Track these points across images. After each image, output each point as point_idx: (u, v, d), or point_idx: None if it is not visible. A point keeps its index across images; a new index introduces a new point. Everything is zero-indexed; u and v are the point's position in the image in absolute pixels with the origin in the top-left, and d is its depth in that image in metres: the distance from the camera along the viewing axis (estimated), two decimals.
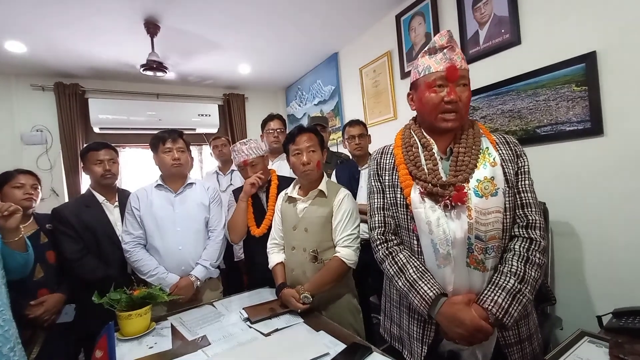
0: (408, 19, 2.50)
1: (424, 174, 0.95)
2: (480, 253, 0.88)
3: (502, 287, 0.85)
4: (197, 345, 1.15)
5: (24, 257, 1.26)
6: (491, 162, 0.92)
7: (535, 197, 0.94)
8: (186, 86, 3.98)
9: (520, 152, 0.98)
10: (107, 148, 1.81)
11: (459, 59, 0.93)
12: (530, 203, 0.93)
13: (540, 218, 0.92)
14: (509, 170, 0.94)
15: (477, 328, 0.83)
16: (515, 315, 0.83)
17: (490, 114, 1.94)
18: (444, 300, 0.90)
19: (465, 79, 0.93)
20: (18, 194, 1.60)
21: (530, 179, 0.96)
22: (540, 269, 0.88)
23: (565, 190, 1.64)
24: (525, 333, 0.94)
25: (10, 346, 1.10)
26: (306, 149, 1.42)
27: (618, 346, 0.85)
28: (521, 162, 0.97)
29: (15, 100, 3.21)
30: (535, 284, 0.86)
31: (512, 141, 1.00)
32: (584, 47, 1.53)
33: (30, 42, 2.63)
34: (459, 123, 0.94)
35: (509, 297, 0.83)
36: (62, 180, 3.33)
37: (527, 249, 0.88)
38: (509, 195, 0.92)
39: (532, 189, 0.95)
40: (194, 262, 1.64)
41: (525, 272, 0.85)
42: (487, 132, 1.01)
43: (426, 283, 0.92)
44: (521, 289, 0.84)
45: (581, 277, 1.61)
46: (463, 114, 0.94)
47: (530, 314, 0.97)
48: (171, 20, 2.50)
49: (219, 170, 2.73)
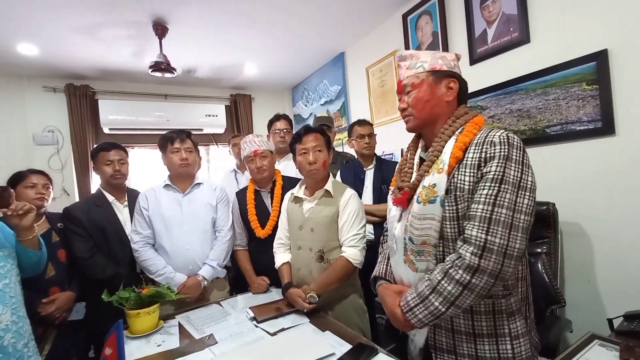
0: (415, 18, 2.49)
1: (399, 175, 1.06)
2: (412, 254, 0.94)
3: (416, 289, 0.88)
4: (204, 343, 1.17)
5: (38, 255, 1.29)
6: (439, 169, 0.90)
7: (492, 209, 0.79)
8: (193, 87, 4.02)
9: (493, 155, 0.82)
10: (117, 148, 1.84)
11: (404, 71, 1.01)
12: (477, 216, 0.80)
13: (480, 234, 0.79)
14: (462, 177, 0.85)
15: (391, 313, 0.93)
16: (420, 318, 0.84)
17: (499, 113, 1.92)
18: (380, 283, 1.08)
19: (408, 86, 0.99)
20: (30, 194, 1.64)
21: (493, 188, 0.80)
22: (461, 287, 0.79)
23: (575, 190, 1.62)
24: (465, 349, 0.89)
25: (24, 342, 1.13)
26: (312, 148, 1.42)
27: (629, 349, 0.84)
28: (488, 167, 0.82)
29: (27, 101, 3.28)
30: (453, 299, 0.80)
31: (490, 141, 0.84)
32: (595, 45, 1.51)
33: (42, 45, 2.68)
34: (414, 123, 1.00)
35: (418, 298, 0.86)
36: (73, 180, 3.39)
37: (451, 263, 0.82)
38: (450, 205, 0.86)
39: (489, 200, 0.80)
40: (201, 262, 1.66)
41: (438, 284, 0.82)
42: (471, 129, 0.90)
43: (379, 267, 1.13)
44: (429, 296, 0.83)
45: (591, 278, 1.58)
46: (416, 114, 0.99)
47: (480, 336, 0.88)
48: (179, 22, 2.53)
49: (237, 168, 2.73)
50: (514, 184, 0.80)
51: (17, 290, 1.17)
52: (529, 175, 0.82)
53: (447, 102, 0.96)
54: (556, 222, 1.49)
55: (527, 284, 0.94)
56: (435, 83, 0.96)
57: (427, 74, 0.96)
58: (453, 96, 0.97)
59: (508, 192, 0.80)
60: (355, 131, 2.18)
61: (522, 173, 0.81)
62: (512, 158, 0.82)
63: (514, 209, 0.79)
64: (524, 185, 0.81)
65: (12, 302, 1.12)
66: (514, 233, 0.79)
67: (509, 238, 0.78)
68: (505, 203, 0.79)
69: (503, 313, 0.87)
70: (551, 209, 1.49)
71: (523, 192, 0.80)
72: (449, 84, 0.96)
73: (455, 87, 0.96)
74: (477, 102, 2.02)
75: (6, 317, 1.08)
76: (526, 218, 0.80)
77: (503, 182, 0.80)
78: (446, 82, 0.96)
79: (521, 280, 0.92)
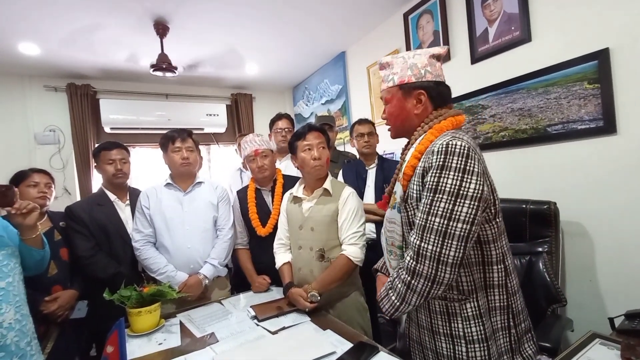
0: (416, 17, 2.48)
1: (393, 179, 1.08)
2: (386, 252, 1.06)
3: (385, 282, 0.97)
4: (205, 342, 1.17)
5: (41, 253, 1.29)
6: (398, 178, 0.98)
7: (427, 218, 0.82)
8: (194, 86, 4.02)
9: (431, 165, 0.83)
10: (119, 148, 1.84)
11: (381, 83, 1.04)
12: (419, 224, 0.83)
13: (416, 240, 0.83)
14: (412, 186, 0.89)
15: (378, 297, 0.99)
16: (386, 307, 0.92)
17: (500, 112, 1.92)
18: (378, 275, 1.17)
19: (384, 99, 1.03)
20: (33, 193, 1.64)
21: (428, 197, 0.82)
22: (405, 286, 0.86)
23: (576, 190, 1.61)
24: (427, 343, 0.95)
25: (27, 340, 1.13)
26: (317, 144, 1.43)
27: (630, 348, 0.84)
28: (428, 177, 0.83)
29: (29, 100, 3.29)
30: (403, 296, 0.88)
31: (431, 151, 0.84)
32: (597, 43, 1.50)
33: (43, 44, 2.69)
34: (393, 133, 1.06)
35: (384, 291, 0.94)
36: (75, 179, 3.40)
37: (401, 265, 0.91)
38: (404, 212, 0.94)
39: (424, 209, 0.82)
40: (202, 261, 1.66)
41: (394, 281, 0.92)
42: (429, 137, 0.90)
43: (380, 260, 1.19)
44: (389, 291, 0.93)
45: (592, 277, 1.58)
46: (392, 125, 1.04)
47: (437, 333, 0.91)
48: (180, 21, 2.53)
49: (243, 167, 2.73)
50: (450, 192, 0.79)
51: (20, 288, 1.18)
52: (470, 183, 0.79)
53: (416, 114, 0.97)
54: (557, 222, 1.49)
55: (504, 292, 0.89)
56: (404, 97, 0.97)
57: (396, 89, 0.97)
58: (421, 109, 0.96)
59: (442, 201, 0.80)
60: (356, 130, 2.19)
61: (461, 181, 0.79)
62: (449, 167, 0.80)
63: (450, 217, 0.79)
64: (463, 194, 0.79)
65: (15, 301, 1.12)
66: (447, 241, 0.79)
67: (442, 245, 0.80)
68: (439, 212, 0.80)
69: (457, 316, 0.88)
70: (552, 208, 1.49)
71: (462, 200, 0.79)
72: (418, 96, 0.95)
73: (424, 99, 0.95)
74: (478, 101, 2.01)
75: (9, 315, 1.08)
76: (464, 227, 0.79)
77: (437, 191, 0.81)
78: (416, 94, 0.95)
79: (484, 289, 0.89)
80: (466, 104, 2.08)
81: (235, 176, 2.69)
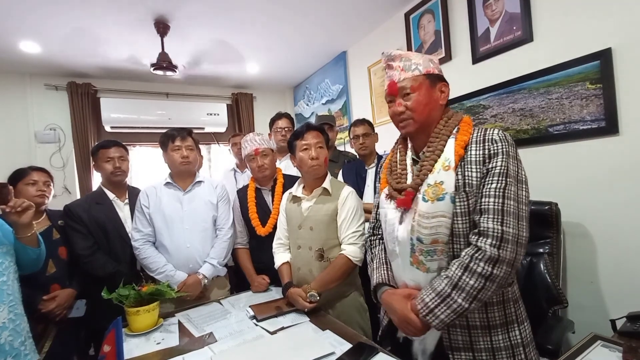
0: (417, 16, 2.48)
1: (392, 178, 1.02)
2: (421, 254, 0.92)
3: (433, 289, 0.87)
4: (204, 342, 1.16)
5: (36, 252, 1.29)
6: (445, 166, 0.91)
7: (503, 202, 0.84)
8: (195, 85, 4.02)
9: (497, 152, 0.88)
10: (117, 146, 1.84)
11: (398, 72, 0.98)
12: (489, 209, 0.84)
13: (496, 225, 0.82)
14: (469, 173, 0.88)
15: (405, 319, 0.90)
16: (442, 318, 0.84)
17: (501, 112, 1.91)
18: (384, 289, 1.02)
19: (407, 88, 0.96)
20: (31, 191, 1.64)
21: (501, 182, 0.85)
22: (484, 279, 0.81)
23: (578, 190, 1.60)
24: (481, 344, 0.89)
25: (21, 340, 1.13)
26: (315, 144, 1.43)
27: (632, 350, 0.83)
28: (493, 163, 0.87)
29: (29, 99, 3.29)
30: (475, 293, 0.82)
31: (491, 139, 0.89)
32: (599, 43, 1.49)
33: (44, 42, 2.69)
34: (414, 127, 0.98)
35: (437, 298, 0.85)
36: (75, 178, 3.40)
37: (470, 257, 0.84)
38: (461, 200, 0.88)
39: (499, 193, 0.84)
40: (201, 260, 1.65)
41: (460, 279, 0.83)
42: (467, 128, 0.94)
43: (378, 272, 1.06)
44: (451, 294, 0.84)
45: (594, 279, 1.57)
46: (416, 118, 0.96)
47: (494, 327, 0.90)
48: (181, 20, 2.53)
49: (237, 167, 2.74)
50: (515, 177, 0.87)
51: (14, 287, 1.17)
52: (522, 170, 0.90)
53: (441, 105, 0.98)
54: (559, 222, 1.48)
55: None
56: (431, 86, 0.97)
57: (423, 77, 0.96)
58: (446, 100, 0.99)
59: (512, 186, 0.86)
60: (352, 132, 2.21)
61: (518, 168, 0.89)
62: (511, 154, 0.88)
63: (520, 201, 0.86)
64: (521, 179, 0.88)
65: (9, 300, 1.11)
66: (521, 223, 0.84)
67: (519, 227, 0.83)
68: (512, 195, 0.85)
69: (510, 301, 0.92)
70: (554, 208, 1.48)
71: (521, 185, 0.87)
72: (441, 87, 0.98)
73: (446, 91, 0.99)
74: (480, 101, 2.00)
75: (3, 314, 1.08)
76: (527, 209, 0.87)
77: (508, 176, 0.86)
78: (439, 85, 0.98)
79: None
80: (467, 104, 2.07)
81: (228, 176, 2.70)
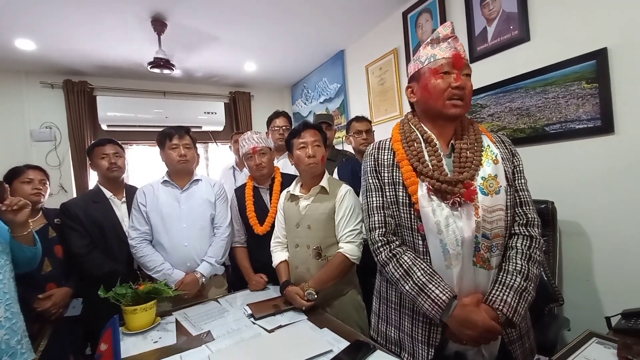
0: (415, 16, 2.48)
1: (430, 170, 0.91)
2: (487, 251, 0.88)
3: (509, 286, 0.85)
4: (201, 340, 1.16)
5: (32, 250, 1.28)
6: (494, 160, 0.93)
7: (529, 195, 0.98)
8: (192, 84, 4.00)
9: (515, 151, 1.02)
10: (112, 143, 1.84)
11: (462, 50, 0.95)
12: (528, 201, 0.96)
13: (537, 216, 0.95)
14: (507, 168, 0.96)
15: (488, 329, 0.82)
16: (522, 313, 0.85)
17: (498, 111, 1.91)
18: (456, 304, 0.86)
19: (468, 68, 0.94)
20: (27, 189, 1.63)
21: (524, 178, 0.99)
22: (540, 266, 0.91)
23: (574, 189, 1.61)
24: (524, 328, 0.97)
25: (17, 339, 1.12)
26: (312, 143, 1.42)
27: (626, 347, 0.84)
28: (516, 160, 1.00)
29: (25, 97, 3.26)
30: (537, 281, 0.89)
31: (506, 140, 1.03)
32: (595, 43, 1.50)
33: (39, 40, 2.66)
34: (465, 110, 0.94)
35: (516, 295, 0.84)
36: (71, 176, 3.37)
37: (528, 247, 0.90)
38: (509, 193, 0.93)
39: (527, 188, 0.98)
40: (199, 259, 1.65)
41: (529, 270, 0.87)
42: (486, 130, 1.03)
43: (437, 286, 0.87)
44: (527, 287, 0.86)
45: (589, 277, 1.58)
46: (468, 102, 0.93)
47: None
48: (178, 18, 2.51)
49: (236, 165, 2.72)
50: None
51: (10, 286, 1.16)
52: None
53: None
54: (555, 221, 1.49)
55: None
56: None
57: None
58: None
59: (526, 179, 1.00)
60: (353, 127, 2.17)
61: None
62: None
63: None
64: None
65: (5, 299, 1.11)
66: None
67: None
68: (527, 188, 0.99)
69: None
70: (550, 207, 1.49)
71: None
72: None
73: None
74: (477, 101, 2.01)
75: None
76: None
77: (524, 172, 1.00)
78: None
79: None
80: None
81: (227, 174, 2.68)
